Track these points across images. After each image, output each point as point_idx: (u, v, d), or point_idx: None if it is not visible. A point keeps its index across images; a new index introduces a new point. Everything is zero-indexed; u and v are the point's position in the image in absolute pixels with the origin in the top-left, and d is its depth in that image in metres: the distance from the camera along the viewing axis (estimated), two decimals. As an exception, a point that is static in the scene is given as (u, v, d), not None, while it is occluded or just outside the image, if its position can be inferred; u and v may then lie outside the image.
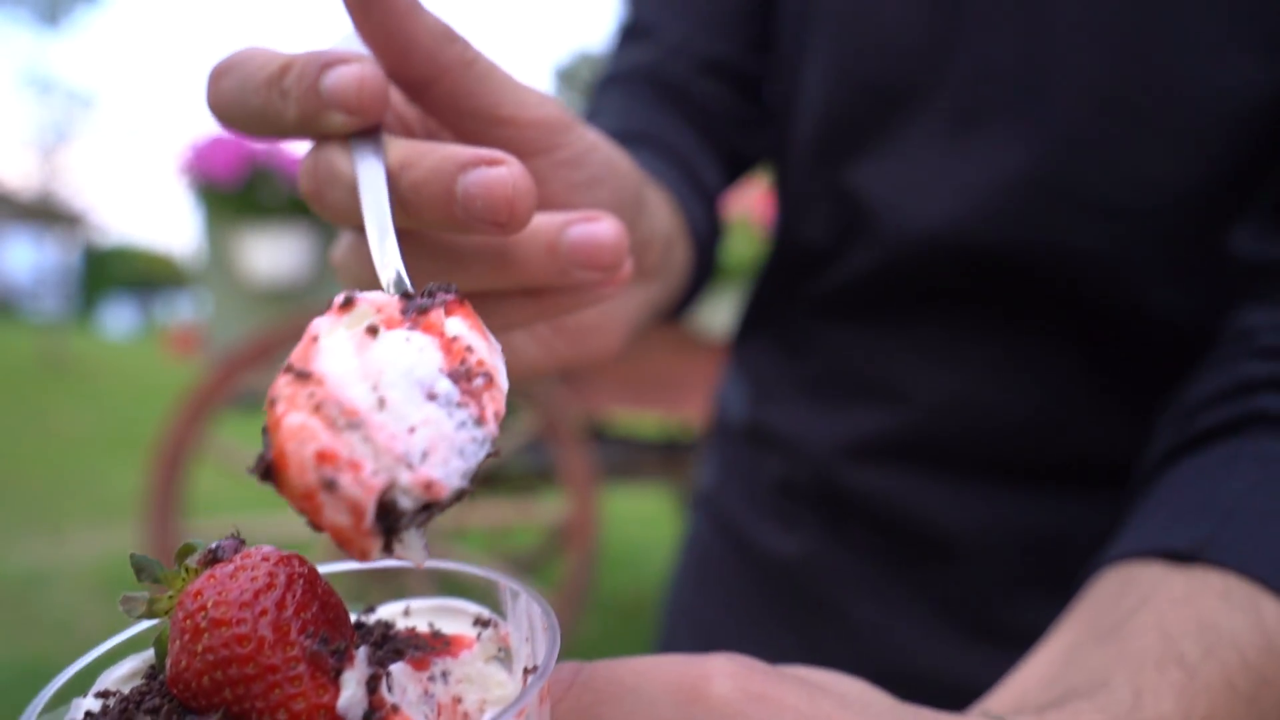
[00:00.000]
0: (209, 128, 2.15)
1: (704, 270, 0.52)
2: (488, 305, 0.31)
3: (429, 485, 0.21)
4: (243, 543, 0.23)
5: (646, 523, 3.83)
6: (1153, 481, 0.39)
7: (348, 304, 0.23)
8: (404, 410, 0.22)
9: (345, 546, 0.22)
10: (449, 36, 0.30)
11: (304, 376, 0.22)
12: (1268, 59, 0.42)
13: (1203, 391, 0.40)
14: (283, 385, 0.22)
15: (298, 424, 0.21)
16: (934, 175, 0.49)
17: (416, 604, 0.28)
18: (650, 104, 0.54)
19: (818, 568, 0.57)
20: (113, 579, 3.21)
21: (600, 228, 0.30)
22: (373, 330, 0.23)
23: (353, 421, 0.21)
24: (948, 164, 0.48)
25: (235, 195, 2.08)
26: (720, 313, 2.26)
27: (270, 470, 0.21)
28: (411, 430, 0.21)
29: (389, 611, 0.28)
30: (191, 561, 0.23)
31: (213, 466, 2.15)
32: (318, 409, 0.21)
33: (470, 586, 0.28)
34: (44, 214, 12.78)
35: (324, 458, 0.21)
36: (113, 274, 26.12)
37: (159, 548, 2.02)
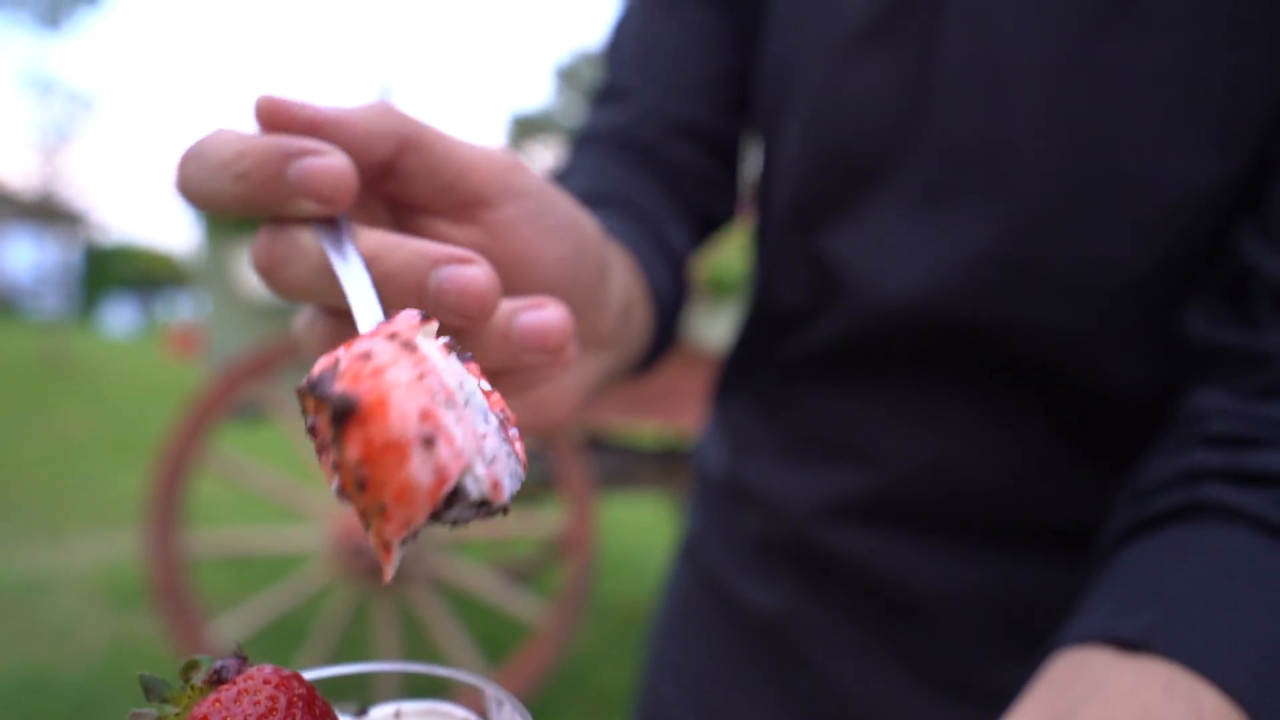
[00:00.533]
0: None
1: (665, 333, 0.52)
2: None
3: (496, 485, 0.22)
4: (245, 660, 0.25)
5: (644, 530, 3.84)
6: (1108, 561, 0.40)
7: (426, 319, 0.24)
8: (477, 418, 0.23)
9: (397, 506, 0.22)
10: (390, 112, 0.31)
11: (410, 347, 0.23)
12: (1219, 151, 0.43)
13: (1155, 476, 0.41)
14: (384, 346, 0.22)
15: (407, 379, 0.22)
16: (904, 247, 0.50)
17: (408, 706, 0.29)
18: (621, 164, 0.55)
19: (795, 621, 0.58)
20: (115, 586, 3.22)
21: (548, 314, 0.32)
22: (449, 347, 0.24)
23: (450, 401, 0.22)
24: (917, 236, 0.50)
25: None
26: (718, 325, 2.28)
27: (351, 410, 0.21)
28: (484, 436, 0.23)
29: (381, 714, 0.29)
30: (197, 680, 0.24)
31: (212, 478, 2.17)
32: (422, 378, 0.22)
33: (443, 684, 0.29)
34: (45, 213, 12.79)
35: (427, 416, 0.21)
36: (113, 273, 26.13)
37: (160, 560, 2.03)
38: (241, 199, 0.29)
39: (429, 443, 0.21)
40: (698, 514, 0.68)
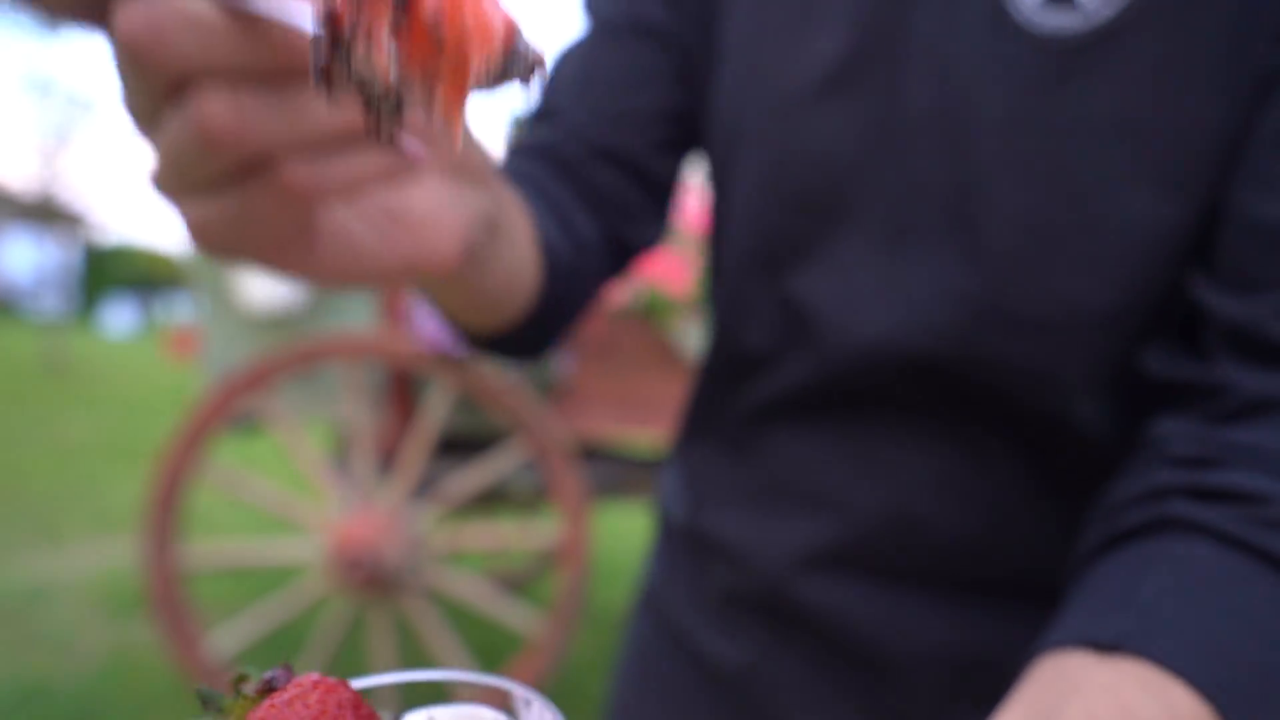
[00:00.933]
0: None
1: (554, 301, 0.50)
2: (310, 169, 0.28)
3: (539, 58, 0.23)
4: (291, 670, 0.26)
5: (639, 538, 3.85)
6: (1082, 574, 0.43)
7: None
8: None
9: (477, 41, 0.22)
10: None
11: None
12: (1172, 197, 0.45)
13: (1123, 494, 0.44)
14: None
15: None
16: (872, 287, 0.51)
17: (440, 711, 0.30)
18: (545, 172, 0.55)
19: (761, 676, 0.58)
20: (113, 594, 3.24)
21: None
22: None
23: None
24: (885, 277, 0.51)
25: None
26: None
27: None
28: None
29: (415, 718, 0.30)
30: (249, 690, 0.26)
31: (210, 489, 2.19)
32: None
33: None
34: (45, 214, 12.81)
35: None
36: (113, 273, 26.16)
37: (157, 572, 2.05)
38: None
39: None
40: (659, 564, 0.67)
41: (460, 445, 2.64)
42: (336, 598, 2.15)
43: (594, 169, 0.56)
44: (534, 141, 0.57)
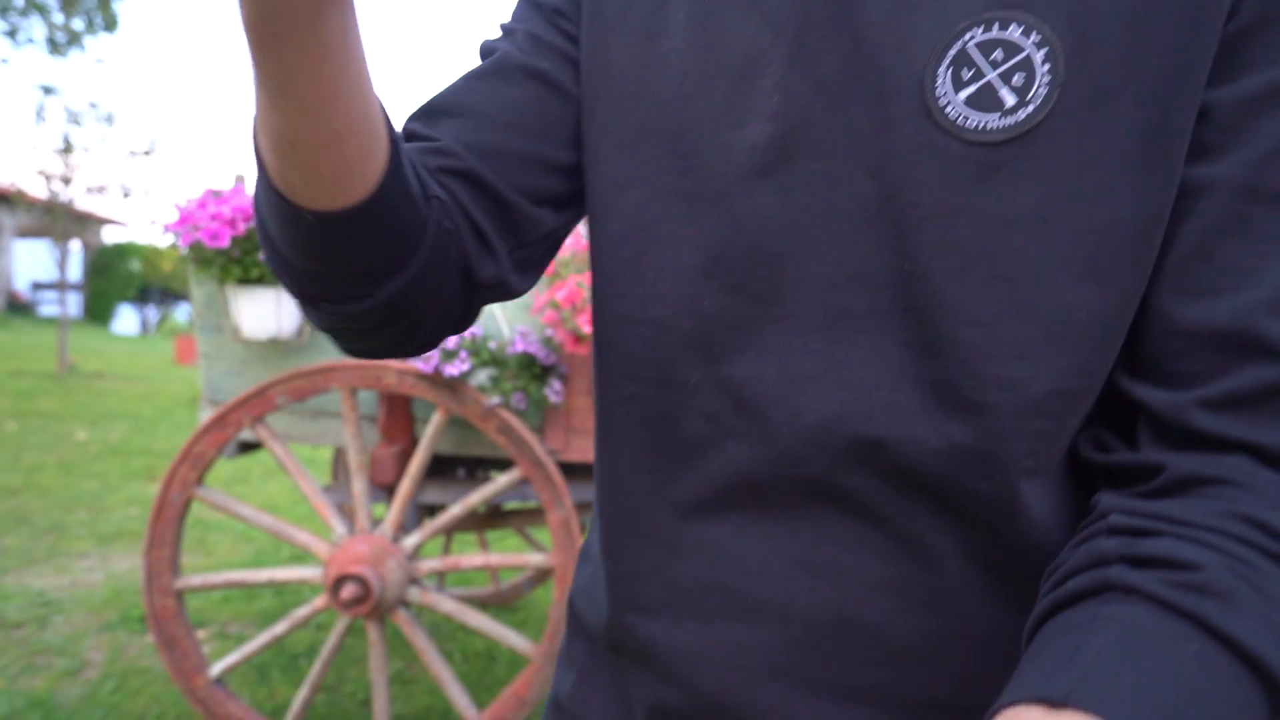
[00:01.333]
0: (201, 184, 2.18)
1: (395, 217, 0.48)
2: None
3: None
4: None
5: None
6: (1034, 637, 0.46)
7: None
8: None
9: None
10: None
11: None
12: (1096, 285, 0.47)
13: (1069, 564, 0.47)
14: None
15: None
16: (817, 370, 0.51)
17: None
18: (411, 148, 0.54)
19: None
20: (119, 608, 3.28)
21: None
22: None
23: None
24: (829, 360, 0.51)
25: (223, 255, 2.16)
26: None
27: None
28: None
29: None
30: None
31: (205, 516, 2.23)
32: None
33: None
34: (55, 218, 12.92)
35: None
36: (123, 277, 26.29)
37: (157, 598, 2.11)
38: None
39: None
40: (573, 672, 0.63)
41: (450, 461, 2.68)
42: (333, 615, 2.19)
43: (455, 183, 0.54)
44: (410, 125, 0.57)
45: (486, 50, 0.61)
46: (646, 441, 0.58)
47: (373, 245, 0.48)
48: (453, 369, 2.08)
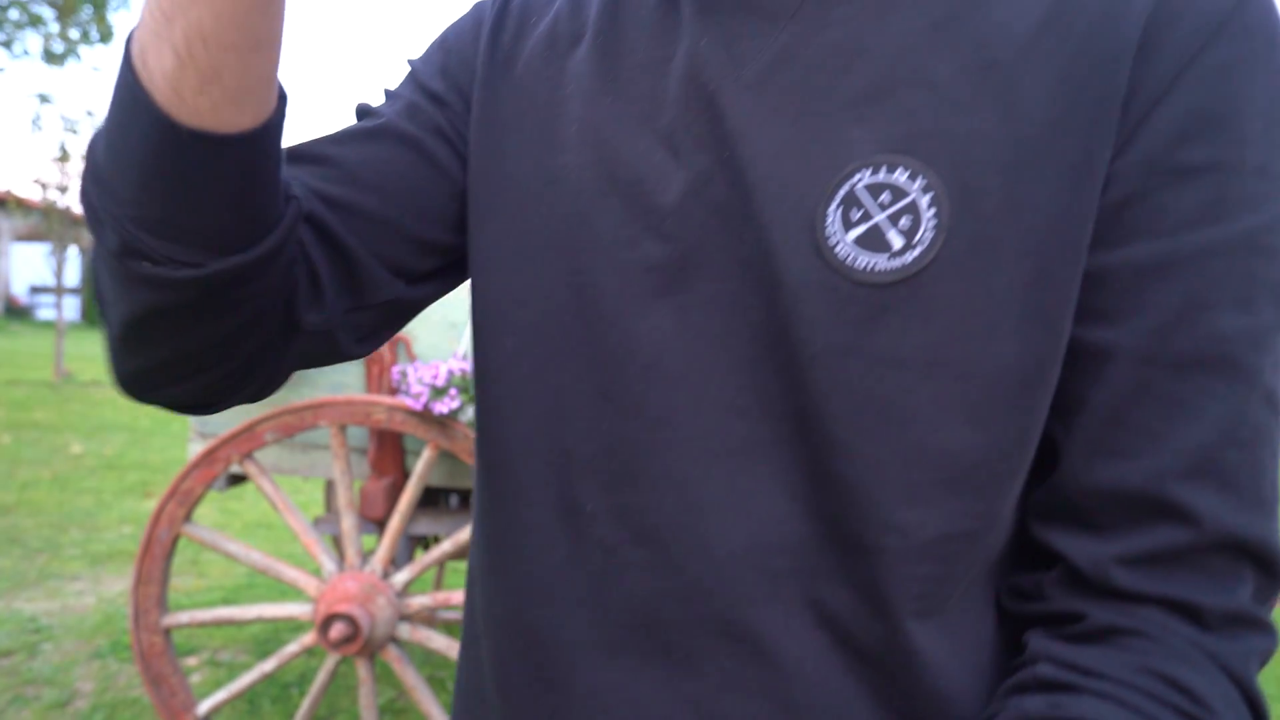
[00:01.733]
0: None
1: (271, 179, 0.46)
2: None
3: None
4: None
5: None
6: None
7: None
8: None
9: None
10: None
11: None
12: (982, 428, 0.47)
13: (1000, 717, 0.48)
14: None
15: None
16: (721, 501, 0.50)
17: None
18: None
19: None
20: (110, 634, 3.27)
21: None
22: None
23: None
24: (732, 491, 0.50)
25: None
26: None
27: None
28: None
29: None
30: None
31: (210, 506, 2.22)
32: None
33: None
34: (52, 224, 12.95)
35: None
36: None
37: (144, 634, 2.10)
38: None
39: None
40: None
41: (442, 491, 2.67)
42: (321, 652, 2.18)
43: (301, 226, 0.51)
44: (290, 151, 0.55)
45: (362, 111, 0.60)
46: (542, 576, 0.55)
47: (233, 194, 0.44)
48: (442, 406, 2.07)
